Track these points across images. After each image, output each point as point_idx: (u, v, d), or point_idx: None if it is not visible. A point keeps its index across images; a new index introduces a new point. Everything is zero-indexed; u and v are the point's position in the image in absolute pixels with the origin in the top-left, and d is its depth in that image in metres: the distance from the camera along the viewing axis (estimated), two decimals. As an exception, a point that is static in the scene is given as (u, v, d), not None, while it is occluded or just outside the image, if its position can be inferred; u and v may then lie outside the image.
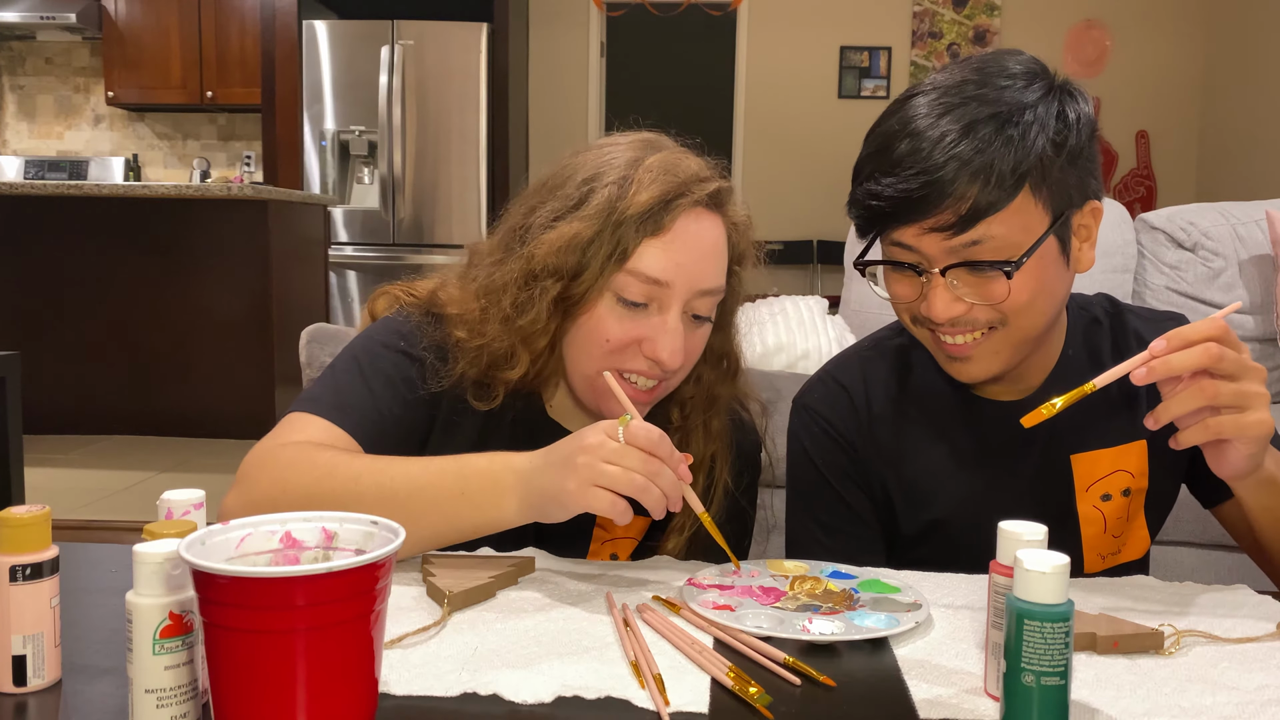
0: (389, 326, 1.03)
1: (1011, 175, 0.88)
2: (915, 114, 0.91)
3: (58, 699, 0.66)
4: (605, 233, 0.95)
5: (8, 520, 0.65)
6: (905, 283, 0.96)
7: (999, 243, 0.89)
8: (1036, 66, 0.94)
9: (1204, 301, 2.35)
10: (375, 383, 0.98)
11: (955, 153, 0.88)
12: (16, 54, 6.38)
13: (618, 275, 0.95)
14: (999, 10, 5.89)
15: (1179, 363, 0.78)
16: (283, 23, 5.33)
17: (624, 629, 0.75)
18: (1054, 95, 0.92)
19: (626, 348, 0.96)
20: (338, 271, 5.30)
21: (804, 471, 1.10)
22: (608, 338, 0.96)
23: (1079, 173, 0.92)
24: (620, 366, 0.97)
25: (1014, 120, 0.89)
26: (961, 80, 0.92)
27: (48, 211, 4.10)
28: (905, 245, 0.93)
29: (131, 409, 4.21)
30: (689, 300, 0.97)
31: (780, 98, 6.00)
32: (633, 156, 0.99)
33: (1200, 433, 0.80)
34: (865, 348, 1.13)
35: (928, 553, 1.03)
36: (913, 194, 0.89)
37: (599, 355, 0.97)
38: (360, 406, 0.96)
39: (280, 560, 0.63)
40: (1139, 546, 1.06)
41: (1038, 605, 0.59)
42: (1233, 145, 5.49)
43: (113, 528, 3.00)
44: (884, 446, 1.07)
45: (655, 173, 0.97)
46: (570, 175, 1.00)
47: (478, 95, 5.31)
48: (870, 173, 0.93)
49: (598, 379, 0.97)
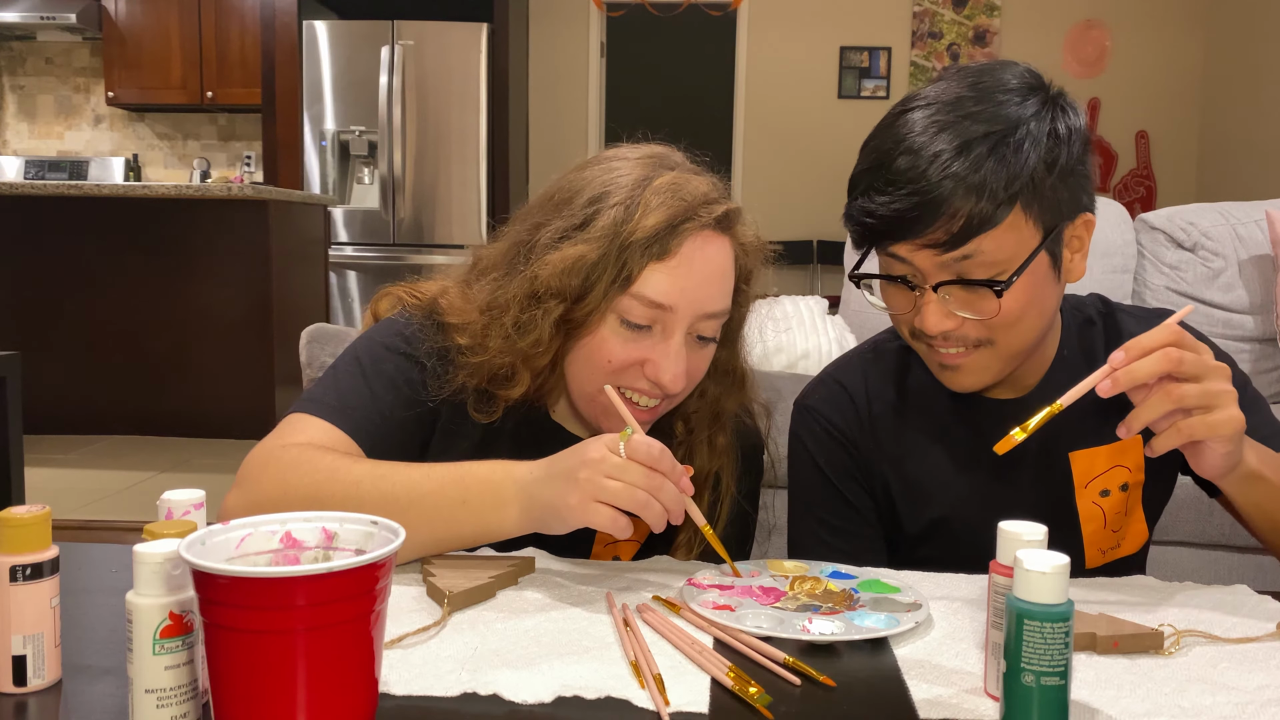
0: (391, 328, 1.03)
1: (1004, 192, 0.88)
2: (911, 129, 0.91)
3: (58, 699, 0.66)
4: (610, 256, 0.94)
5: (8, 520, 0.65)
6: (899, 295, 0.97)
7: (989, 258, 0.90)
8: (1033, 79, 0.94)
9: (1204, 301, 2.36)
10: (377, 384, 0.98)
11: (951, 171, 0.88)
12: (17, 54, 6.39)
13: (622, 298, 0.94)
14: (999, 10, 5.89)
15: (1141, 371, 0.79)
16: (283, 23, 5.33)
17: (624, 629, 0.75)
18: (1048, 110, 0.92)
19: (629, 368, 0.96)
20: (338, 271, 5.30)
21: (807, 472, 1.10)
22: (610, 359, 0.96)
23: (1070, 188, 0.93)
24: (622, 385, 0.96)
25: (1008, 139, 0.89)
26: (958, 97, 0.92)
27: (48, 211, 4.10)
28: (900, 259, 0.93)
29: (131, 409, 4.21)
30: (693, 323, 0.96)
31: (780, 98, 6.00)
32: (640, 175, 0.97)
33: (1173, 436, 0.80)
34: (865, 350, 1.14)
35: (930, 552, 1.04)
36: (907, 212, 0.90)
37: (601, 375, 0.96)
38: (362, 408, 0.96)
39: (280, 560, 0.64)
40: (1137, 539, 1.07)
41: (1038, 605, 0.59)
42: (1233, 145, 5.49)
43: (113, 528, 3.00)
44: (885, 446, 1.07)
45: (662, 195, 0.95)
46: (577, 192, 0.99)
47: (478, 95, 5.31)
48: (866, 187, 0.93)
49: (599, 396, 0.96)
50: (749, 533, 1.14)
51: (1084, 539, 1.03)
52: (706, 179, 1.00)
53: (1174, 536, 1.93)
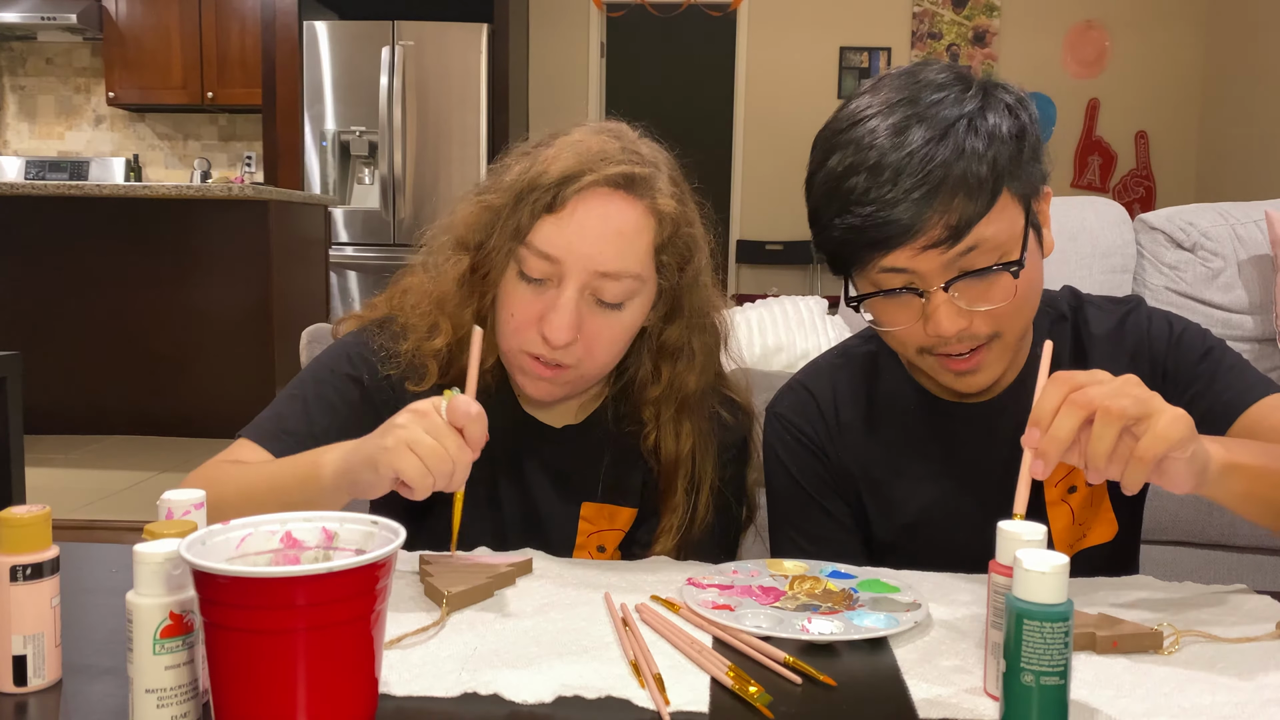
0: (338, 350, 1.06)
1: (990, 174, 0.88)
2: (873, 136, 0.90)
3: (58, 699, 0.66)
4: (509, 207, 0.97)
5: (8, 520, 0.65)
6: (904, 308, 0.94)
7: (992, 244, 0.89)
8: (958, 69, 0.95)
9: (1203, 301, 2.35)
10: (316, 409, 1.02)
11: (935, 164, 0.87)
12: (17, 54, 6.39)
13: (518, 249, 0.97)
14: (998, 11, 5.89)
15: (1061, 431, 0.73)
16: (283, 23, 5.33)
17: (623, 629, 0.75)
18: (992, 90, 0.93)
19: (530, 326, 0.97)
20: (338, 271, 5.30)
21: (781, 481, 1.10)
22: (512, 313, 0.98)
23: (1039, 160, 0.93)
24: (523, 347, 0.98)
25: (975, 121, 0.89)
26: (902, 99, 0.91)
27: (48, 212, 4.10)
28: (897, 269, 0.91)
29: (131, 409, 4.21)
30: (587, 281, 0.96)
31: (780, 98, 6.00)
32: (560, 138, 1.01)
33: (1137, 469, 0.73)
34: (834, 355, 1.13)
35: (901, 558, 1.01)
36: (896, 219, 0.87)
37: (509, 332, 0.99)
38: (296, 432, 1.00)
39: (281, 560, 0.64)
40: (1104, 531, 1.05)
41: (1037, 605, 0.59)
42: (1232, 145, 5.49)
43: (113, 528, 3.00)
44: (854, 453, 1.07)
45: (563, 150, 0.97)
46: (514, 153, 1.04)
47: (478, 95, 5.31)
48: (840, 208, 0.90)
49: (510, 355, 1.00)
50: (734, 523, 1.13)
51: (1053, 536, 1.03)
52: (636, 145, 1.01)
53: (1174, 536, 1.93)
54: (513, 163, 1.02)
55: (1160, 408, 0.73)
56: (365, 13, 5.47)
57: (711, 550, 1.06)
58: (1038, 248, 0.94)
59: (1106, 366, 1.03)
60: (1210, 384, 0.99)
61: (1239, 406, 0.96)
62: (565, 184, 0.95)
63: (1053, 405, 0.73)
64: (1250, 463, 0.82)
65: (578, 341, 0.96)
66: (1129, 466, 0.73)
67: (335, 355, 1.06)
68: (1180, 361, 1.02)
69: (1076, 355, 1.04)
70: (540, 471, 1.07)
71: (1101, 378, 0.75)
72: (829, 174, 0.92)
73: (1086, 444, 0.73)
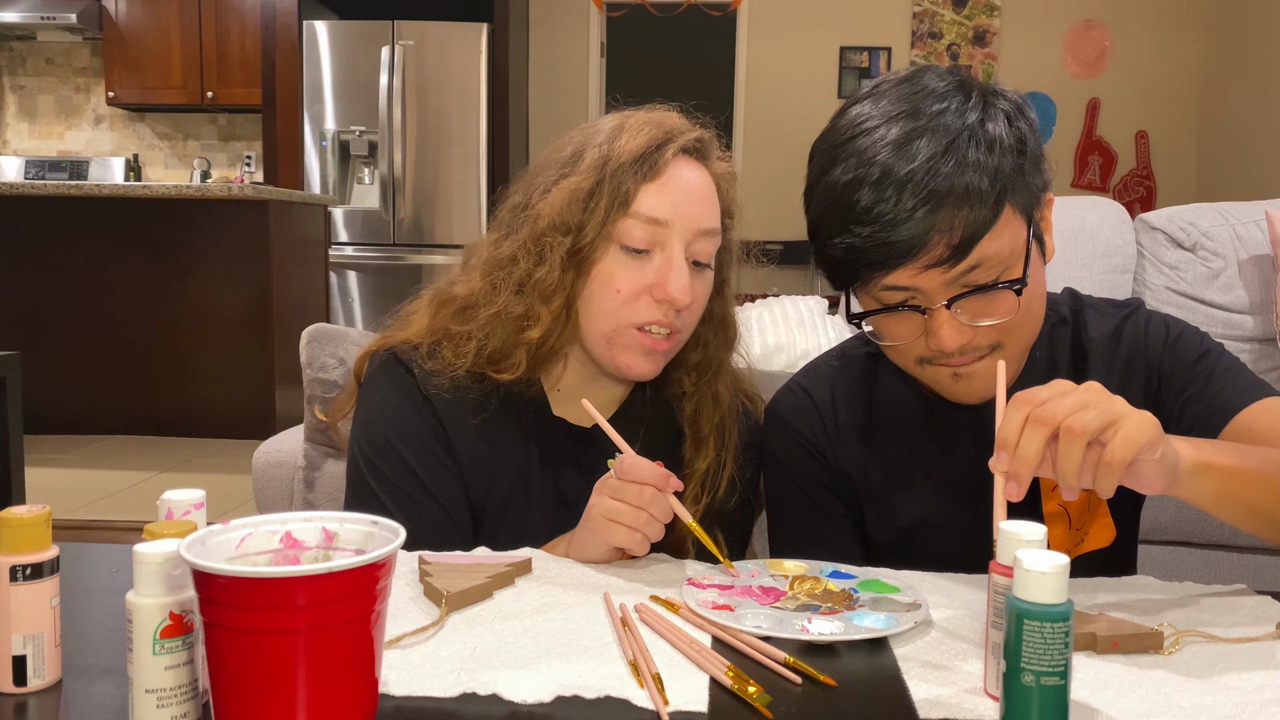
0: (372, 424, 1.05)
1: (992, 190, 0.87)
2: (873, 153, 0.88)
3: (58, 699, 0.66)
4: (604, 183, 1.00)
5: (8, 520, 0.65)
6: (904, 323, 0.93)
7: (995, 260, 0.89)
8: (956, 76, 0.94)
9: (1204, 301, 2.35)
10: (411, 485, 1.03)
11: (936, 183, 0.86)
12: (17, 54, 6.38)
13: (621, 221, 0.99)
14: (999, 10, 5.89)
15: (1028, 450, 0.72)
16: (283, 23, 5.33)
17: (622, 628, 0.75)
18: (993, 99, 0.92)
19: (639, 298, 1.00)
20: (338, 271, 5.30)
21: (780, 483, 1.10)
22: (619, 288, 1.00)
23: (1039, 169, 0.93)
24: (633, 320, 1.00)
25: (976, 136, 0.88)
26: (901, 112, 0.90)
27: (48, 211, 4.10)
28: (899, 287, 0.90)
29: (131, 409, 4.21)
30: (689, 242, 1.01)
31: (780, 98, 6.00)
32: (618, 121, 1.05)
33: (1108, 474, 0.73)
34: (833, 358, 1.13)
35: (898, 561, 1.02)
36: (898, 240, 0.87)
37: (612, 309, 1.00)
38: (414, 514, 1.02)
39: (280, 560, 0.64)
40: (1102, 535, 1.05)
41: (1037, 605, 0.59)
42: (1233, 145, 5.49)
43: (113, 528, 3.00)
44: (852, 456, 1.07)
45: (641, 124, 1.04)
46: (561, 148, 1.06)
47: (478, 95, 5.31)
48: (839, 226, 0.89)
49: (614, 336, 1.02)
50: (749, 521, 1.14)
51: (1050, 542, 1.02)
52: (683, 118, 1.08)
53: (1174, 536, 1.93)
54: (580, 149, 1.04)
55: (1124, 412, 0.73)
56: (365, 12, 5.47)
57: (737, 526, 1.11)
58: (1039, 257, 0.94)
59: (1104, 370, 1.03)
60: (1205, 386, 0.99)
61: (1233, 409, 0.96)
62: (660, 150, 1.01)
63: (1016, 426, 0.73)
64: (1223, 463, 0.82)
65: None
66: (1099, 473, 0.73)
67: (376, 434, 1.05)
68: (1176, 364, 1.01)
69: (1076, 359, 1.04)
70: (574, 469, 1.08)
71: (1063, 388, 0.74)
72: (830, 187, 0.91)
73: (1054, 454, 0.73)
